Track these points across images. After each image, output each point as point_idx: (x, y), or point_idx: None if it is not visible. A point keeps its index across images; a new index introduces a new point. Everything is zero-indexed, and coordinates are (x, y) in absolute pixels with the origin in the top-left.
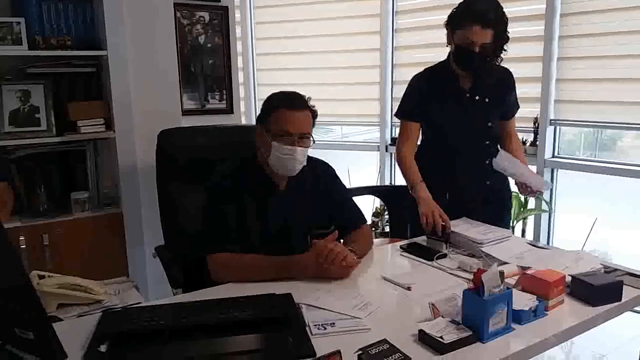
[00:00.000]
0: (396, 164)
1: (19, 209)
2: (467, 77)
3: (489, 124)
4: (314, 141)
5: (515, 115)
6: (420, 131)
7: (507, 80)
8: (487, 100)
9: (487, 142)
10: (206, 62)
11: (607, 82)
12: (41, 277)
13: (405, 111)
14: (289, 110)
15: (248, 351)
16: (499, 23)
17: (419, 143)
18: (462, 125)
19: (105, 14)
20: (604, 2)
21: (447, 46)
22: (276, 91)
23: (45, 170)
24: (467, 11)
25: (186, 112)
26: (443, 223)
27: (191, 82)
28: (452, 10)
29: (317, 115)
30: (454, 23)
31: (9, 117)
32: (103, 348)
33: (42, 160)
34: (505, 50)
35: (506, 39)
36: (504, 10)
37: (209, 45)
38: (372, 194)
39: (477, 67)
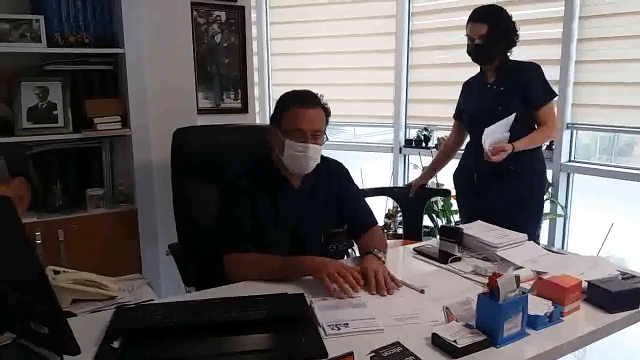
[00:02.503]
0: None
1: (35, 204)
2: (492, 71)
3: (499, 107)
4: (327, 138)
5: (547, 107)
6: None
7: (526, 72)
8: (502, 88)
9: None
10: (222, 61)
11: (625, 86)
12: (56, 272)
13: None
14: (300, 108)
15: (260, 350)
16: (492, 17)
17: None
18: (476, 109)
19: (123, 12)
20: (623, 5)
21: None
22: (288, 90)
23: (62, 166)
24: (469, 15)
25: (201, 111)
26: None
27: (207, 81)
28: None
29: (330, 113)
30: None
31: (27, 114)
32: (116, 344)
33: (59, 157)
34: (513, 43)
35: (506, 31)
36: (519, 12)
37: (225, 44)
38: (386, 195)
39: (481, 57)
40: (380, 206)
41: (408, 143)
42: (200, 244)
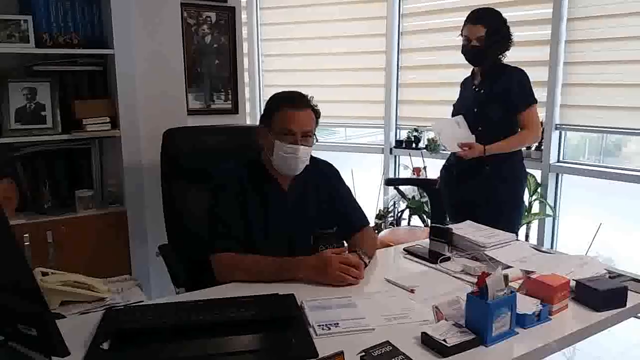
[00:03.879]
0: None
1: (23, 205)
2: (480, 72)
3: (475, 109)
4: (316, 139)
5: (526, 113)
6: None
7: (510, 77)
8: (482, 91)
9: (480, 128)
10: (212, 62)
11: (613, 87)
12: (45, 274)
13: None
14: (290, 109)
15: (250, 351)
16: (489, 18)
17: None
18: (457, 109)
19: (112, 13)
20: (611, 7)
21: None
22: (278, 91)
23: (50, 167)
24: (467, 16)
25: (191, 112)
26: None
27: (197, 81)
28: None
29: (320, 114)
30: (462, 28)
31: (15, 115)
32: (105, 345)
33: (48, 158)
34: (507, 48)
35: (503, 35)
36: (508, 13)
37: (215, 45)
38: (414, 185)
39: (476, 58)
40: (371, 207)
41: (398, 144)
42: (190, 245)
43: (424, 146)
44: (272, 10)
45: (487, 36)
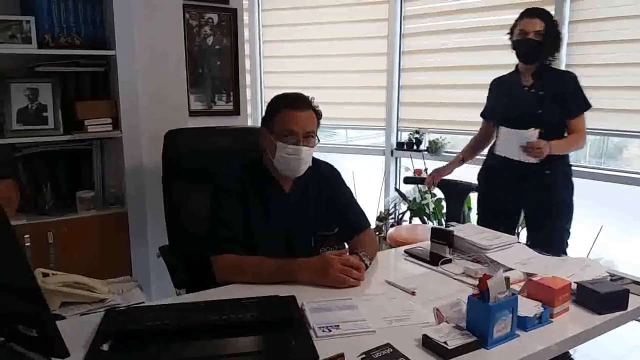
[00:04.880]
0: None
1: (24, 206)
2: (529, 73)
3: (539, 111)
4: (318, 140)
5: (581, 117)
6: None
7: (567, 80)
8: (541, 92)
9: (539, 130)
10: (214, 63)
11: (614, 89)
12: (45, 274)
13: (482, 112)
14: (292, 111)
15: (250, 353)
16: (547, 15)
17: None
18: (512, 110)
19: (114, 14)
20: (613, 10)
21: (512, 51)
22: (279, 93)
23: (52, 168)
24: (522, 12)
25: (193, 113)
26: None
27: (198, 83)
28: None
29: (321, 115)
30: (513, 24)
31: (16, 115)
32: (105, 347)
33: (49, 159)
34: (558, 50)
35: (557, 33)
36: (509, 15)
37: (217, 47)
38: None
39: (531, 52)
40: (372, 209)
41: (400, 146)
42: (190, 246)
43: (425, 148)
44: (274, 12)
45: (545, 32)
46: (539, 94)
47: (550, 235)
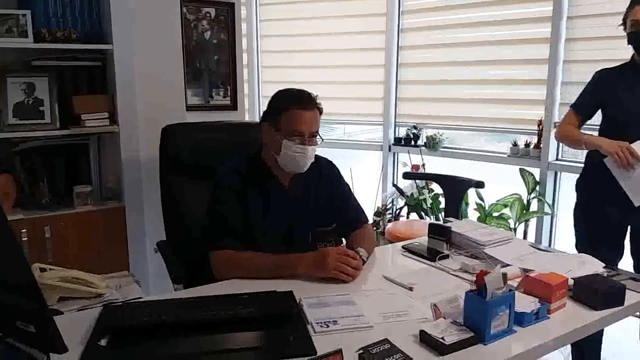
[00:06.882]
0: None
1: (21, 201)
2: None
3: None
4: (322, 139)
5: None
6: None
7: None
8: None
9: None
10: (211, 58)
11: None
12: (43, 269)
13: (576, 104)
14: (300, 110)
15: (248, 348)
16: None
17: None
18: (636, 108)
19: (111, 8)
20: (611, 5)
21: (628, 45)
22: (283, 88)
23: (49, 163)
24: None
25: (190, 108)
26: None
27: (196, 77)
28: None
29: (322, 112)
30: (625, 13)
31: (13, 110)
32: (103, 342)
33: (46, 153)
34: None
35: None
36: (508, 11)
37: (214, 41)
38: (431, 180)
39: None
40: (369, 204)
41: (397, 141)
42: (188, 242)
43: (423, 143)
44: (272, 6)
45: None
46: None
47: None
